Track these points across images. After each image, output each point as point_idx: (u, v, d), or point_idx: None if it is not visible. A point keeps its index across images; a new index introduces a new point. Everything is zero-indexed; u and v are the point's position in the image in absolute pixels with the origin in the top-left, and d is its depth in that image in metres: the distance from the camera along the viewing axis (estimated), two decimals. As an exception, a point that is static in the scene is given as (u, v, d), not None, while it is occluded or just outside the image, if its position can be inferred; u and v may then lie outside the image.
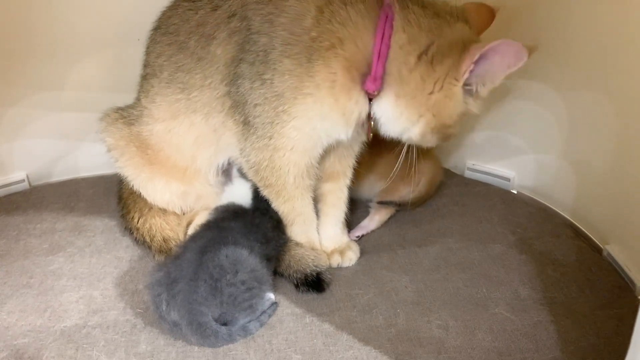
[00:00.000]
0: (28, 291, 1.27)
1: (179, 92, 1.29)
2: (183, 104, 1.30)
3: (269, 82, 1.14)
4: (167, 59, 1.30)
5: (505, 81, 1.51)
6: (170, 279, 1.13)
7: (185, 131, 1.33)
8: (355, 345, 1.13)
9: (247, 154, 1.26)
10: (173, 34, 1.29)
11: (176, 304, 1.09)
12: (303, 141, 1.20)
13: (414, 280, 1.31)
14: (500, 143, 1.69)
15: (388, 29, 1.08)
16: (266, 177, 1.26)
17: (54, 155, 1.72)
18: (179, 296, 1.10)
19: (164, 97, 1.32)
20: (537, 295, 1.25)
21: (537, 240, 1.44)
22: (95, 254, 1.40)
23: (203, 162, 1.37)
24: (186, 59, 1.27)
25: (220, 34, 1.21)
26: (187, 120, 1.31)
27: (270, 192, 1.30)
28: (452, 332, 1.16)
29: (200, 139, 1.33)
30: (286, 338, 1.15)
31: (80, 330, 1.16)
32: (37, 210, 1.57)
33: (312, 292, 1.27)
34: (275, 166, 1.24)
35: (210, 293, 1.09)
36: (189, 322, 1.08)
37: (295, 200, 1.30)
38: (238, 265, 1.13)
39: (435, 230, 1.50)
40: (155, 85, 1.33)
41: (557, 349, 1.11)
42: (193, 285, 1.10)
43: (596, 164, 1.46)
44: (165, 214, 1.45)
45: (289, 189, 1.28)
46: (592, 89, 1.42)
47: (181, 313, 1.09)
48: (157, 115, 1.35)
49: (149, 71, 1.36)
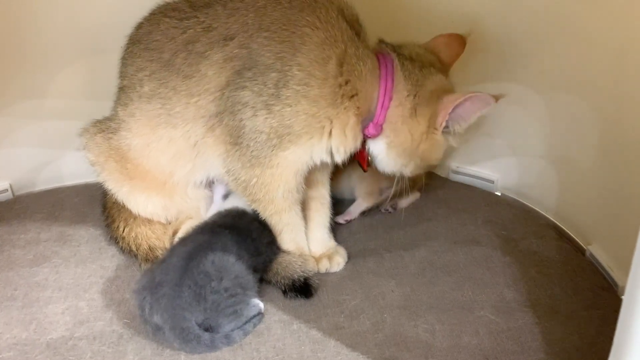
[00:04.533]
0: (12, 303, 1.26)
1: (159, 107, 1.28)
2: (163, 119, 1.29)
3: (278, 113, 1.17)
4: (150, 74, 1.29)
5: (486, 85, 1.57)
6: (154, 283, 1.13)
7: (163, 147, 1.32)
8: (343, 351, 1.13)
9: (235, 172, 1.27)
10: (155, 51, 1.28)
11: (159, 308, 1.09)
12: (298, 165, 1.25)
13: (401, 284, 1.32)
14: (484, 146, 1.71)
15: (390, 84, 1.22)
16: (254, 193, 1.28)
17: (38, 163, 1.70)
18: (163, 300, 1.10)
19: (143, 111, 1.31)
20: (522, 297, 1.27)
21: (521, 241, 1.46)
22: (81, 264, 1.39)
23: (180, 177, 1.37)
24: (171, 76, 1.26)
25: (213, 55, 1.21)
26: (166, 135, 1.30)
27: (258, 205, 1.31)
28: (439, 336, 1.17)
29: (178, 155, 1.32)
30: (274, 345, 1.15)
31: (66, 342, 1.15)
32: (20, 221, 1.56)
33: (299, 297, 1.27)
34: (265, 182, 1.25)
35: (194, 299, 1.10)
36: (171, 326, 1.08)
37: (283, 213, 1.31)
38: (223, 272, 1.14)
39: (420, 233, 1.51)
40: (135, 99, 1.32)
41: (541, 350, 1.13)
42: (177, 290, 1.10)
43: (578, 164, 1.48)
44: (150, 223, 1.44)
45: (277, 203, 1.29)
46: (572, 90, 1.44)
47: (164, 317, 1.09)
48: (135, 130, 1.34)
49: (127, 83, 1.34)
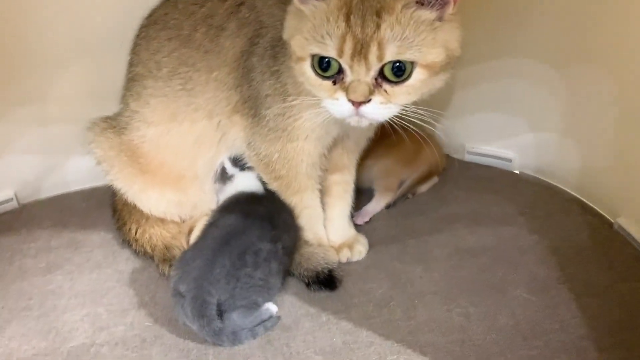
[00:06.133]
0: (28, 313, 1.21)
1: (179, 89, 1.26)
2: (184, 101, 1.26)
3: (276, 73, 1.14)
4: (168, 54, 1.27)
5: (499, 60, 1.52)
6: (186, 260, 1.13)
7: (185, 132, 1.29)
8: (376, 341, 1.09)
9: (257, 147, 1.24)
10: (174, 29, 1.26)
11: (188, 277, 1.09)
12: (317, 130, 1.19)
13: (428, 270, 1.28)
14: (499, 124, 1.67)
15: None
16: (277, 170, 1.24)
17: (42, 170, 1.65)
18: (194, 272, 1.09)
19: (161, 97, 1.28)
20: (555, 274, 1.23)
21: (547, 219, 1.42)
22: (95, 270, 1.35)
23: (203, 164, 1.33)
24: (191, 52, 1.24)
25: (229, 25, 1.21)
26: (187, 119, 1.27)
27: (280, 184, 1.27)
28: (474, 319, 1.13)
29: (201, 139, 1.29)
30: (304, 339, 1.11)
31: (88, 350, 1.11)
32: (29, 229, 1.51)
33: (324, 290, 1.23)
34: (288, 157, 1.22)
35: (225, 277, 1.09)
36: (194, 296, 1.07)
37: (305, 192, 1.28)
38: (261, 264, 1.13)
39: (442, 217, 1.47)
40: (150, 85, 1.29)
41: (582, 326, 1.09)
42: (210, 266, 1.09)
43: (599, 137, 1.44)
44: (164, 223, 1.39)
45: (300, 180, 1.25)
46: (590, 61, 1.40)
47: (190, 286, 1.08)
48: (151, 119, 1.30)
49: (140, 71, 1.31)
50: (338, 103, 1.01)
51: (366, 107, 0.99)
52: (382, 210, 1.51)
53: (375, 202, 1.51)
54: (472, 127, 1.73)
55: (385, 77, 0.98)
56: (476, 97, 1.67)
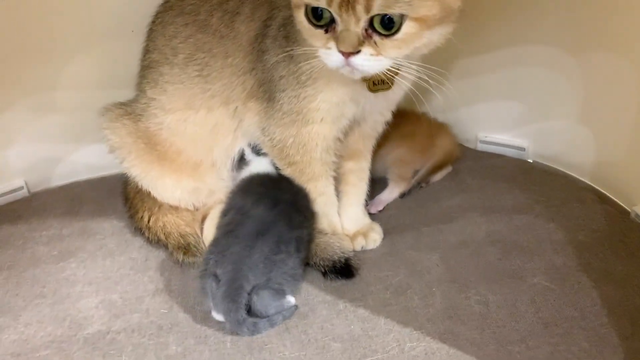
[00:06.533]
0: (42, 301, 1.21)
1: (196, 75, 1.25)
2: (200, 88, 1.25)
3: (289, 54, 1.12)
4: (184, 40, 1.26)
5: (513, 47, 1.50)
6: (222, 247, 1.13)
7: (202, 119, 1.28)
8: (395, 328, 1.09)
9: (271, 132, 1.23)
10: (191, 14, 1.26)
11: (225, 261, 1.09)
12: (332, 111, 1.18)
13: (444, 258, 1.27)
14: (512, 112, 1.65)
15: None
16: (292, 155, 1.23)
17: (52, 159, 1.64)
18: (232, 257, 1.09)
19: (177, 84, 1.27)
20: (573, 263, 1.22)
21: (563, 207, 1.41)
22: (108, 257, 1.34)
23: (220, 152, 1.32)
24: (207, 38, 1.23)
25: (244, 9, 1.20)
26: (204, 106, 1.26)
27: (294, 170, 1.25)
28: (493, 307, 1.12)
29: (218, 127, 1.29)
30: (322, 326, 1.10)
31: (104, 337, 1.10)
32: (40, 217, 1.50)
33: (341, 279, 1.22)
34: (302, 141, 1.21)
35: (263, 262, 1.09)
36: (231, 278, 1.07)
37: (319, 180, 1.26)
38: (292, 253, 1.14)
39: (456, 205, 1.46)
40: (166, 72, 1.28)
41: (603, 314, 1.08)
42: (249, 251, 1.10)
43: (615, 126, 1.43)
44: (177, 211, 1.38)
45: (314, 166, 1.24)
46: (608, 49, 1.38)
47: (227, 269, 1.08)
48: (168, 106, 1.29)
49: (156, 57, 1.30)
50: (329, 52, 0.99)
51: (355, 59, 0.97)
52: (396, 199, 1.50)
53: (389, 191, 1.50)
54: (484, 116, 1.71)
55: (375, 29, 0.96)
56: (489, 85, 1.65)
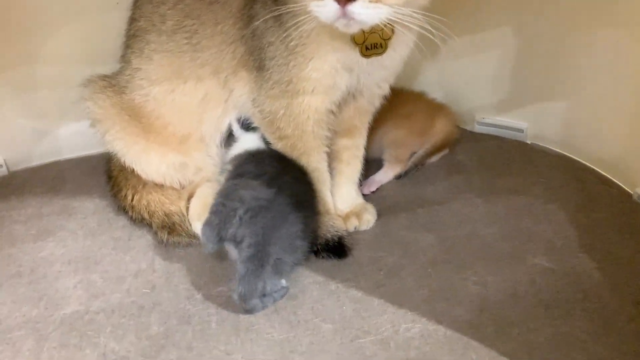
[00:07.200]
0: (18, 280, 1.15)
1: (185, 43, 1.20)
2: (189, 56, 1.20)
3: (278, 18, 1.07)
4: (172, 6, 1.21)
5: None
6: (258, 204, 1.05)
7: (190, 89, 1.22)
8: (389, 309, 1.04)
9: (260, 102, 1.17)
10: None
11: (255, 225, 1.02)
12: (324, 81, 1.12)
13: (440, 238, 1.22)
14: (510, 94, 1.60)
15: None
16: (282, 128, 1.17)
17: (33, 136, 1.57)
18: (264, 221, 1.03)
19: (164, 52, 1.22)
20: (573, 244, 1.18)
21: (562, 188, 1.37)
22: (89, 236, 1.28)
23: (209, 125, 1.27)
24: (196, 4, 1.18)
25: None
26: (193, 75, 1.21)
27: (285, 144, 1.19)
28: (492, 288, 1.07)
29: (207, 98, 1.23)
30: (312, 307, 1.05)
31: (82, 317, 1.05)
32: (19, 196, 1.43)
33: (332, 258, 1.17)
34: (293, 114, 1.15)
35: (288, 238, 1.06)
36: (258, 243, 1.02)
37: (311, 154, 1.20)
38: (306, 237, 1.11)
39: (453, 186, 1.41)
40: (153, 40, 1.22)
41: (606, 296, 1.04)
42: (288, 225, 1.06)
43: (615, 107, 1.38)
44: (162, 189, 1.32)
45: (305, 140, 1.18)
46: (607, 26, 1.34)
47: (257, 233, 1.02)
48: (155, 76, 1.24)
49: (143, 25, 1.24)
50: (323, 4, 0.92)
51: (353, 7, 0.89)
52: (391, 180, 1.45)
53: (383, 172, 1.45)
54: (482, 98, 1.66)
55: None
56: (485, 66, 1.60)
